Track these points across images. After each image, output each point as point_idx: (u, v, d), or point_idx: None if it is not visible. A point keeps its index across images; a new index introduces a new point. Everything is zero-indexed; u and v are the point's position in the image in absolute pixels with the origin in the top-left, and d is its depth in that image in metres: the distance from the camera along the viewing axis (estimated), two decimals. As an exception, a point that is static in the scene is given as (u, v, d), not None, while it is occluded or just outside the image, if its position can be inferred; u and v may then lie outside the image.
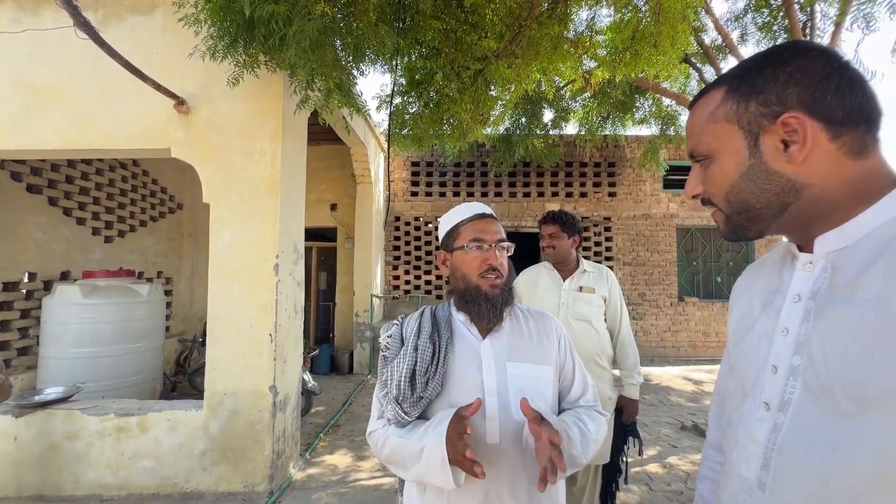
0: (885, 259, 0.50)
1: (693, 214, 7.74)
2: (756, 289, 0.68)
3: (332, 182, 6.99)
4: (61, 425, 3.01)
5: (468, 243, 1.03)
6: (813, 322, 0.54)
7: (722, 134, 0.59)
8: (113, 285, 4.04)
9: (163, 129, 3.11)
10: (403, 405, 0.97)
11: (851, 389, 0.48)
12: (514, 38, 3.25)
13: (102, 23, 3.13)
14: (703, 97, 0.62)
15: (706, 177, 0.61)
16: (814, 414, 0.52)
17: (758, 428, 0.58)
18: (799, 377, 0.54)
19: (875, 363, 0.46)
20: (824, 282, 0.56)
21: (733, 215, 0.60)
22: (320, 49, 2.38)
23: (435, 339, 1.03)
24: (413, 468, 0.93)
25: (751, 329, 0.65)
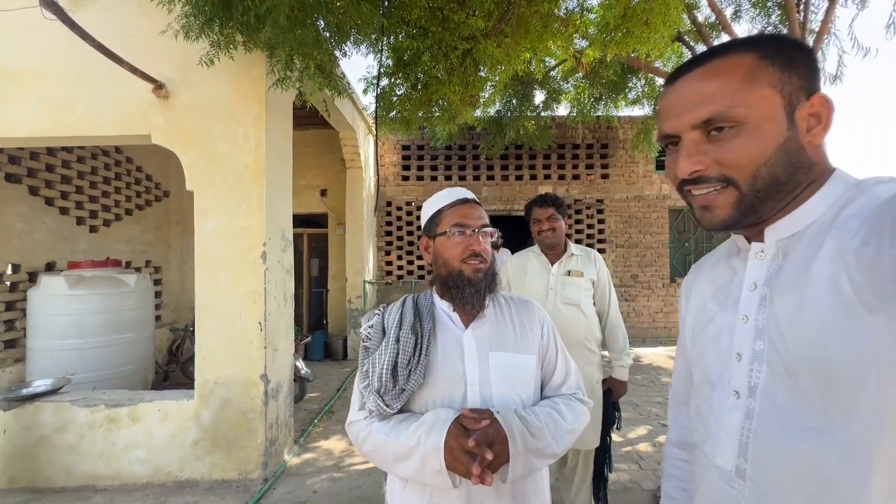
0: (831, 242, 0.52)
1: (685, 196, 7.74)
2: (706, 283, 0.69)
3: (322, 167, 6.89)
4: (51, 418, 2.98)
5: (450, 228, 1.01)
6: (769, 307, 0.56)
7: (765, 100, 0.53)
8: (99, 276, 3.98)
9: (142, 115, 3.02)
10: (385, 397, 0.95)
11: (815, 367, 0.49)
12: (503, 16, 3.16)
13: (74, 2, 3.00)
14: (720, 58, 0.55)
15: (729, 148, 0.53)
16: (782, 395, 0.53)
17: (730, 417, 0.58)
18: (763, 361, 0.55)
19: (834, 340, 0.48)
20: (778, 269, 0.57)
21: (752, 193, 0.54)
22: (300, 28, 2.30)
23: (417, 329, 1.00)
24: (398, 466, 0.92)
25: (710, 322, 0.65)
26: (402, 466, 0.91)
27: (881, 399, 0.45)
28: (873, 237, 0.47)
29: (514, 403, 0.96)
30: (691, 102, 0.55)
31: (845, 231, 0.51)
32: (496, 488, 0.91)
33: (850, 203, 0.53)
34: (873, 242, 0.47)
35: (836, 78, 4.75)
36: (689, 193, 0.58)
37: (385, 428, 0.94)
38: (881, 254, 0.46)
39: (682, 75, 0.58)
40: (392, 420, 0.96)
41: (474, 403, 0.95)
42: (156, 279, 5.96)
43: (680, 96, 0.57)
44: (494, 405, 0.95)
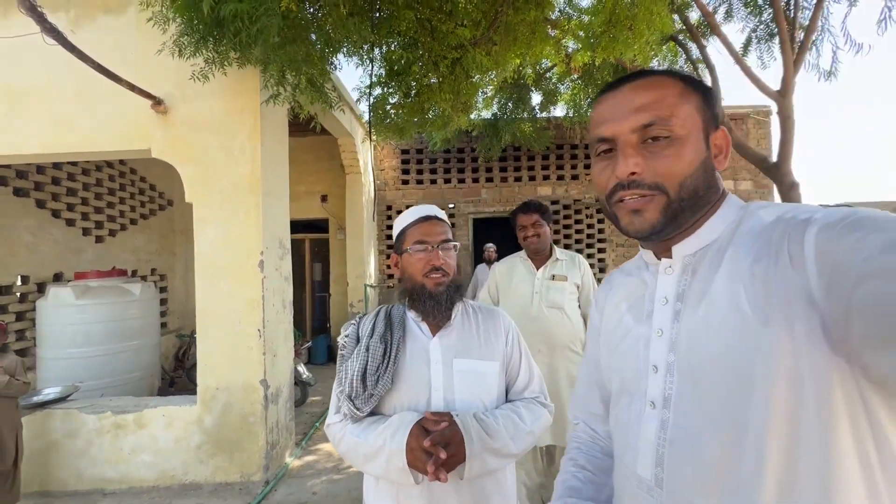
0: (728, 261, 0.56)
1: (685, 193, 7.75)
2: (621, 296, 0.72)
3: (322, 173, 6.98)
4: (61, 424, 3.09)
5: (412, 246, 1.08)
6: (680, 322, 0.59)
7: (693, 119, 0.59)
8: (105, 285, 4.09)
9: (142, 130, 3.12)
10: (356, 402, 1.02)
11: (719, 378, 0.53)
12: (491, 24, 3.22)
13: (75, 24, 3.10)
14: (659, 76, 0.61)
15: (662, 157, 0.57)
16: (693, 405, 0.55)
17: (647, 427, 0.60)
18: (675, 373, 0.58)
19: (736, 352, 0.51)
20: (687, 285, 0.60)
21: (678, 201, 0.57)
22: (290, 45, 2.37)
23: (387, 338, 1.07)
24: (368, 465, 1.00)
25: (627, 334, 0.67)
26: (372, 465, 0.99)
27: (774, 402, 0.48)
28: (763, 257, 0.52)
29: (475, 407, 1.03)
30: (632, 108, 0.58)
31: (740, 251, 0.56)
32: (455, 485, 0.98)
33: (741, 224, 0.59)
34: (763, 261, 0.52)
35: (830, 74, 4.74)
36: (619, 201, 0.60)
37: (357, 430, 1.02)
38: (769, 272, 0.51)
39: (620, 87, 0.61)
40: (364, 422, 1.03)
41: (437, 407, 1.02)
42: (161, 287, 6.08)
43: (620, 102, 0.60)
44: (457, 408, 1.02)
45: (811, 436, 0.46)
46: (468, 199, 7.63)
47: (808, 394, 0.47)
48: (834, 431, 0.46)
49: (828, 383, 0.46)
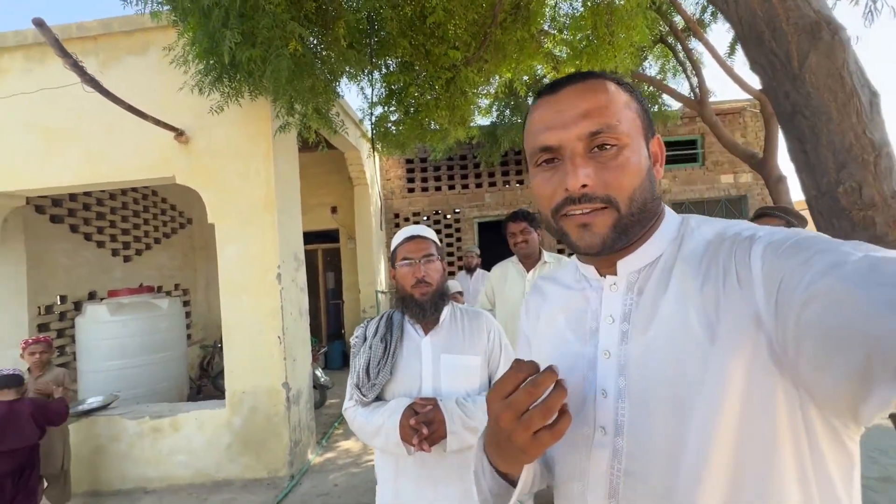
0: (675, 282, 0.54)
1: (685, 189, 7.86)
2: (559, 308, 0.67)
3: (331, 186, 7.28)
4: (105, 429, 3.40)
5: (400, 262, 1.34)
6: (629, 345, 0.55)
7: (636, 125, 0.56)
8: (136, 301, 4.41)
9: (166, 159, 3.43)
10: (362, 389, 1.28)
11: (672, 402, 0.50)
12: (481, 45, 3.46)
13: (103, 65, 3.43)
14: (600, 78, 0.56)
15: (612, 167, 0.53)
16: (647, 434, 0.52)
17: (598, 455, 0.56)
18: (626, 399, 0.54)
19: (689, 374, 0.49)
20: (633, 304, 0.57)
21: (627, 216, 0.54)
22: (297, 79, 2.64)
23: (387, 339, 1.33)
24: (373, 440, 1.27)
25: (566, 351, 0.63)
26: (376, 440, 1.25)
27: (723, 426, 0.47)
28: (711, 278, 0.51)
29: (459, 394, 1.27)
30: (577, 114, 0.53)
31: (688, 271, 0.53)
32: (441, 457, 1.23)
33: (684, 242, 0.57)
34: (711, 282, 0.50)
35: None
36: (565, 215, 0.55)
37: (365, 412, 1.28)
38: (718, 293, 0.49)
39: (561, 90, 0.56)
40: (370, 406, 1.29)
41: (427, 394, 1.27)
42: (184, 301, 6.42)
43: (564, 108, 0.55)
44: (443, 395, 1.26)
45: (756, 458, 0.46)
46: (472, 203, 7.87)
47: (756, 416, 0.46)
48: (776, 453, 0.45)
49: (774, 405, 0.45)
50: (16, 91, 3.39)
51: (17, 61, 3.49)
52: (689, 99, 5.03)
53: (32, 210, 4.32)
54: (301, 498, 3.09)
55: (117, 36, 3.47)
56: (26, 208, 4.25)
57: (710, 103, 4.89)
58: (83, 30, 3.44)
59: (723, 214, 7.99)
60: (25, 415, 2.65)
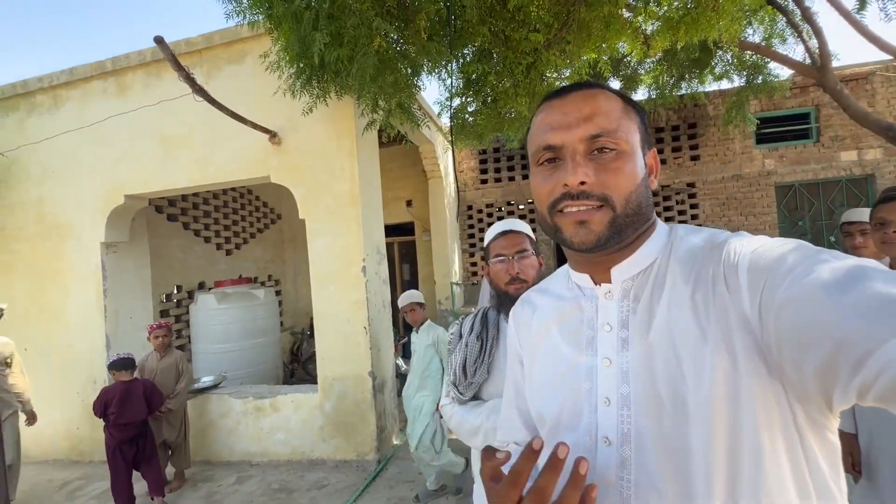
0: (669, 289, 0.56)
1: (795, 169, 6.94)
2: (552, 319, 0.67)
3: (406, 179, 7.44)
4: (216, 406, 3.78)
5: (494, 258, 1.29)
6: (630, 351, 0.56)
7: (634, 135, 0.59)
8: (238, 291, 4.85)
9: (262, 160, 3.68)
10: (459, 388, 1.26)
11: (676, 408, 0.51)
12: (564, 25, 3.28)
13: (207, 76, 3.75)
14: (602, 89, 0.60)
15: (611, 170, 0.56)
16: (655, 440, 0.52)
17: (605, 466, 0.55)
18: (631, 407, 0.55)
19: (689, 378, 0.50)
20: (630, 311, 0.58)
21: (623, 216, 0.56)
22: (381, 76, 2.68)
23: (483, 336, 1.29)
24: (471, 440, 1.24)
25: (561, 362, 0.63)
26: (474, 440, 1.22)
27: (726, 428, 0.48)
28: (701, 284, 0.53)
29: None
30: (581, 117, 0.57)
31: (679, 278, 0.55)
32: None
33: (673, 249, 0.59)
34: (702, 289, 0.53)
35: None
36: (563, 211, 0.57)
37: (462, 410, 1.26)
38: (708, 299, 0.52)
39: (566, 95, 0.60)
40: (468, 405, 1.26)
41: None
42: (276, 290, 6.96)
43: (569, 111, 0.58)
44: None
45: (753, 455, 0.47)
46: (547, 193, 7.63)
47: (750, 414, 0.47)
48: (772, 449, 0.47)
49: (766, 403, 0.47)
50: (139, 104, 3.83)
51: (139, 77, 3.94)
52: (806, 66, 4.39)
53: (153, 210, 4.90)
54: (388, 482, 3.21)
55: (218, 48, 3.78)
56: (148, 209, 4.83)
57: (832, 69, 4.22)
58: (190, 45, 3.79)
59: (843, 196, 6.94)
60: (139, 394, 3.03)
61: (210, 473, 3.61)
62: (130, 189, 3.94)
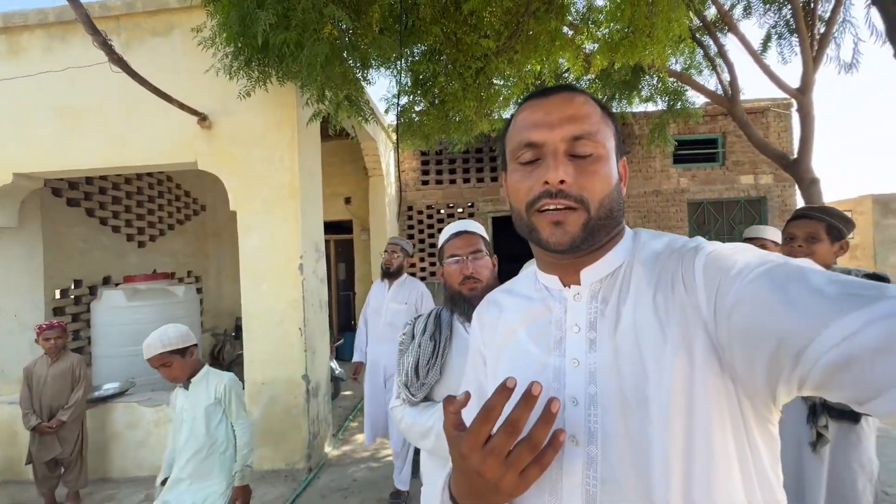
0: (633, 292, 0.58)
1: (704, 188, 7.74)
2: (518, 319, 0.68)
3: (346, 176, 7.21)
4: (122, 416, 3.37)
5: (447, 259, 1.29)
6: (598, 353, 0.57)
7: (611, 142, 0.60)
8: (152, 288, 4.37)
9: (188, 144, 3.36)
10: (411, 389, 1.24)
11: (641, 406, 0.52)
12: (513, 34, 3.36)
13: (126, 46, 3.35)
14: (583, 94, 0.61)
15: (588, 172, 0.57)
16: (621, 438, 0.53)
17: (571, 465, 0.56)
18: (598, 406, 0.56)
19: (652, 378, 0.52)
20: (598, 313, 0.59)
21: (596, 219, 0.57)
22: (328, 66, 2.56)
23: (436, 337, 1.27)
24: (422, 442, 1.21)
25: (530, 363, 0.63)
26: (425, 442, 1.19)
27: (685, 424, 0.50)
28: (661, 287, 0.56)
29: None
30: (564, 117, 0.57)
31: (642, 281, 0.57)
32: None
33: (637, 253, 0.61)
34: (662, 291, 0.55)
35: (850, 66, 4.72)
36: (541, 211, 0.58)
37: (413, 412, 1.23)
38: (668, 301, 0.54)
39: (550, 95, 0.60)
40: (420, 406, 1.24)
41: None
42: (197, 288, 6.40)
43: (552, 110, 0.58)
44: None
45: (705, 448, 0.50)
46: (487, 197, 7.78)
47: (704, 410, 0.50)
48: (722, 441, 0.50)
49: (718, 399, 0.50)
50: (37, 70, 3.32)
51: (38, 39, 3.42)
52: (719, 96, 4.90)
53: (49, 193, 4.27)
54: (320, 491, 3.06)
55: (140, 16, 3.39)
56: (43, 191, 4.20)
57: (741, 101, 4.76)
58: (106, 9, 3.36)
59: (741, 215, 7.86)
60: None
61: (112, 492, 3.20)
62: (21, 166, 3.40)
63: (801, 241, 1.61)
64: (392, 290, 3.10)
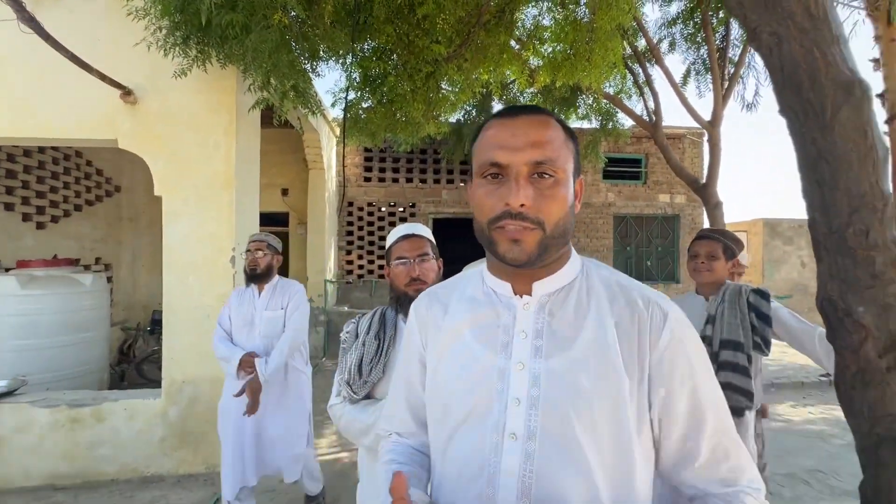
0: (594, 309, 0.65)
1: (628, 203, 8.41)
2: (464, 321, 0.71)
3: (284, 166, 6.92)
4: (9, 419, 2.98)
5: (394, 261, 1.32)
6: (543, 360, 0.63)
7: (570, 164, 0.64)
8: (53, 275, 3.91)
9: (109, 120, 3.06)
10: (353, 387, 1.25)
11: (585, 417, 0.59)
12: (463, 43, 3.46)
13: (37, 4, 2.97)
14: (549, 116, 0.65)
15: (546, 196, 0.61)
16: (560, 440, 0.59)
17: (509, 459, 0.61)
18: (539, 408, 0.61)
19: (599, 396, 0.60)
20: (545, 324, 0.65)
21: (550, 238, 0.61)
22: (276, 53, 2.48)
23: (380, 336, 1.30)
24: (362, 438, 1.23)
25: (474, 363, 0.67)
26: (365, 439, 1.22)
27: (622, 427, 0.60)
28: (624, 320, 0.63)
29: None
30: (529, 142, 0.60)
31: (603, 306, 0.65)
32: None
33: (589, 276, 0.68)
34: (624, 324, 0.63)
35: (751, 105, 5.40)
36: (501, 227, 0.61)
37: (353, 410, 1.25)
38: (632, 336, 0.63)
39: (517, 117, 0.63)
40: (360, 404, 1.26)
41: None
42: (107, 277, 5.80)
43: (518, 133, 0.61)
44: None
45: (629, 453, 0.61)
46: (429, 199, 7.86)
47: (630, 422, 0.61)
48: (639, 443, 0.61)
49: (640, 414, 0.62)
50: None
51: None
52: (644, 121, 5.37)
53: (-75, 160, 3.68)
54: (243, 495, 2.92)
55: (56, -28, 3.03)
56: (-83, 157, 3.62)
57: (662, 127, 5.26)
58: (12, -42, 2.96)
59: (658, 230, 8.64)
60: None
61: (-7, 505, 2.82)
62: None
63: (704, 259, 1.85)
64: (264, 296, 2.53)
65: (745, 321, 1.76)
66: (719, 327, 1.79)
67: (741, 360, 1.73)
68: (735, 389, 1.71)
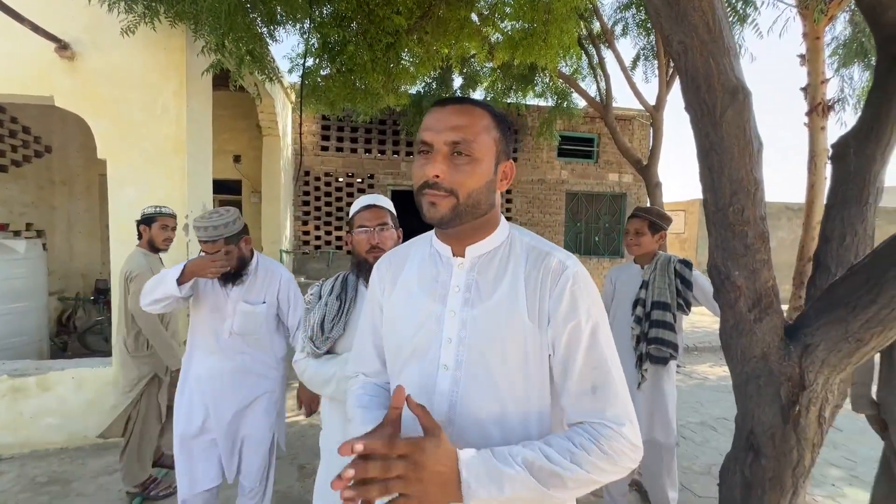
0: (510, 270, 0.80)
1: (580, 181, 8.79)
2: (412, 276, 0.87)
3: (236, 132, 6.64)
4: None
5: (356, 229, 1.44)
6: (470, 308, 0.79)
7: (489, 148, 0.77)
8: (-19, 241, 3.66)
9: (43, 75, 2.86)
10: (315, 342, 1.38)
11: (497, 352, 0.77)
12: (424, 15, 3.47)
13: (-51, -62, 2.68)
14: (473, 106, 0.77)
15: (461, 170, 0.73)
16: (478, 369, 0.77)
17: (442, 383, 0.79)
18: (465, 345, 0.78)
19: (512, 334, 0.77)
20: (473, 280, 0.81)
21: (463, 206, 0.75)
22: (231, 15, 2.42)
23: (342, 297, 1.43)
24: (324, 389, 1.38)
25: (419, 309, 0.83)
26: (326, 389, 1.36)
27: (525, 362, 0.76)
28: (532, 276, 0.78)
29: None
30: (449, 126, 0.73)
31: (519, 265, 0.80)
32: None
33: (513, 243, 0.83)
34: (532, 279, 0.78)
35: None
36: (425, 193, 0.75)
37: (316, 363, 1.38)
38: (536, 289, 0.78)
39: (446, 106, 0.77)
40: (322, 358, 1.39)
41: None
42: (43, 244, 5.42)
43: (442, 119, 0.75)
44: None
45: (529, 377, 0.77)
46: (387, 170, 7.83)
47: (533, 352, 0.76)
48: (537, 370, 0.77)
49: (541, 348, 0.77)
50: None
51: None
52: (596, 102, 5.60)
53: None
54: (202, 457, 2.99)
55: None
56: None
57: (613, 108, 5.52)
58: None
59: (606, 207, 9.12)
60: None
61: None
62: None
63: (632, 236, 2.12)
64: (241, 283, 1.94)
65: (671, 286, 2.05)
66: (651, 291, 2.07)
67: (668, 319, 2.03)
68: (663, 343, 2.02)
